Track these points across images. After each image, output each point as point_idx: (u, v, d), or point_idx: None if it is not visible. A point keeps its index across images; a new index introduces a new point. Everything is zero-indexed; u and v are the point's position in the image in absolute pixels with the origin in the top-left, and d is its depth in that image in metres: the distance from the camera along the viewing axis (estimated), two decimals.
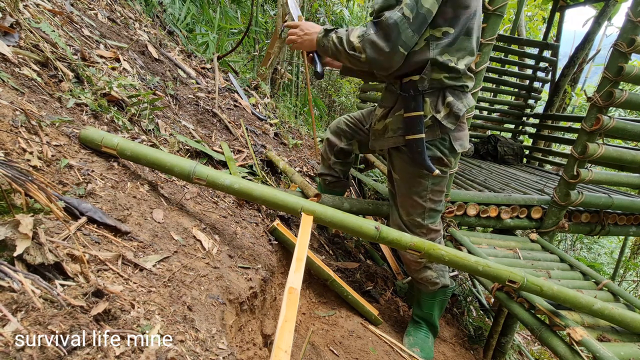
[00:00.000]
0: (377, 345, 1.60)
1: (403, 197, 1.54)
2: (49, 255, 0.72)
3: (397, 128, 1.42)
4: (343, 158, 1.93)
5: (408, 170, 1.47)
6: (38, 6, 1.59)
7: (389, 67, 1.24)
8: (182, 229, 1.15)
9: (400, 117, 1.40)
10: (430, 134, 1.38)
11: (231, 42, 4.40)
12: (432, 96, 1.34)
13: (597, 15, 3.58)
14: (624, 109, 5.40)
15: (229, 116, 2.50)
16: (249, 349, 1.13)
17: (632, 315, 1.40)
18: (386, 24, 1.16)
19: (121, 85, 1.61)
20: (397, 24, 1.15)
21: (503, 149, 3.59)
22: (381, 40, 1.18)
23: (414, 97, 1.33)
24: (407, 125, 1.37)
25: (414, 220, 1.54)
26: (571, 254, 5.86)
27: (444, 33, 1.25)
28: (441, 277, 1.66)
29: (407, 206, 1.54)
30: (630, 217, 2.32)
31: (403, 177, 1.51)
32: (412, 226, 1.56)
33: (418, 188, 1.48)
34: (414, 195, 1.50)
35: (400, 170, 1.51)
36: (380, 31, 1.18)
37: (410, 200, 1.51)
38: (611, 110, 5.52)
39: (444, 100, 1.34)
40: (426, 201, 1.50)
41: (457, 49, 1.28)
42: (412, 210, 1.53)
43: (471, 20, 1.26)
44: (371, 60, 1.23)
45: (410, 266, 1.66)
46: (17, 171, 0.81)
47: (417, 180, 1.47)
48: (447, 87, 1.33)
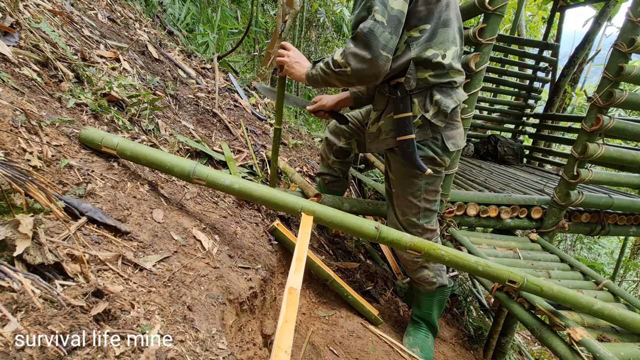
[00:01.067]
0: (377, 345, 1.60)
1: (398, 197, 1.56)
2: (49, 255, 0.72)
3: (389, 130, 1.44)
4: (342, 157, 1.93)
5: (402, 171, 1.49)
6: (38, 6, 1.59)
7: (377, 74, 1.24)
8: (182, 229, 1.15)
9: (391, 119, 1.42)
10: (422, 134, 1.39)
11: (231, 42, 4.40)
12: (419, 96, 1.36)
13: (597, 16, 3.58)
14: (624, 109, 5.40)
15: (229, 116, 2.50)
16: (249, 349, 1.13)
17: (633, 316, 1.40)
18: (362, 34, 1.18)
19: (121, 85, 1.61)
20: (372, 30, 1.17)
21: (503, 149, 3.59)
22: (361, 49, 1.20)
23: (402, 99, 1.35)
24: (397, 127, 1.39)
25: (410, 220, 1.56)
26: (571, 254, 5.86)
27: (421, 31, 1.27)
28: (438, 276, 1.67)
29: (403, 206, 1.56)
30: (631, 217, 2.32)
31: (397, 178, 1.53)
32: (408, 226, 1.58)
33: (412, 188, 1.50)
34: (408, 196, 1.52)
35: (394, 171, 1.53)
36: (358, 42, 1.20)
37: (405, 200, 1.53)
38: (611, 110, 5.52)
39: (432, 98, 1.36)
40: (420, 201, 1.51)
41: (439, 41, 1.29)
42: (408, 210, 1.55)
43: (445, 12, 1.28)
44: (357, 71, 1.23)
45: (407, 266, 1.67)
46: (17, 171, 0.81)
47: (411, 180, 1.48)
48: (433, 85, 1.35)
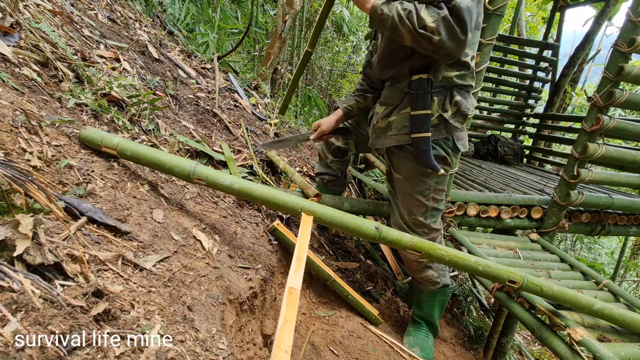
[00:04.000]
0: (377, 346, 1.60)
1: (405, 196, 1.53)
2: (48, 256, 0.72)
3: (402, 126, 1.41)
4: (340, 156, 1.93)
5: (411, 169, 1.46)
6: (38, 6, 1.59)
7: (455, 57, 1.15)
8: (182, 229, 1.15)
9: (406, 115, 1.38)
10: (436, 133, 1.38)
11: (231, 42, 4.40)
12: (440, 95, 1.34)
13: (597, 15, 3.58)
14: (624, 109, 5.40)
15: (229, 116, 2.50)
16: (249, 349, 1.12)
17: (633, 316, 1.40)
18: (460, 8, 1.05)
19: (121, 85, 1.61)
20: (470, 9, 1.07)
21: (503, 149, 3.59)
22: (456, 24, 1.07)
23: (423, 95, 1.32)
24: (413, 124, 1.36)
25: (416, 220, 1.54)
26: (571, 254, 5.86)
27: None
28: (442, 276, 1.67)
29: (410, 205, 1.53)
30: (631, 217, 2.32)
31: (406, 176, 1.50)
32: (414, 226, 1.55)
33: (421, 187, 1.47)
34: (417, 195, 1.49)
35: (403, 169, 1.50)
36: (454, 15, 1.07)
37: (413, 199, 1.51)
38: (611, 110, 5.52)
39: (452, 99, 1.34)
40: (429, 200, 1.49)
41: (472, 42, 1.27)
42: (415, 210, 1.52)
43: (479, 16, 1.27)
44: (443, 44, 1.10)
45: (411, 266, 1.66)
46: (17, 171, 0.81)
47: (421, 179, 1.46)
48: (454, 86, 1.33)
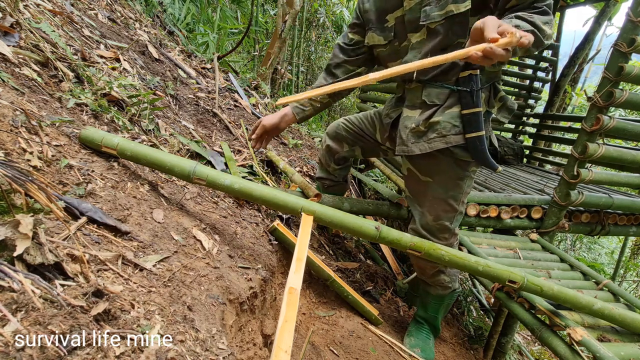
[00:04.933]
0: (378, 346, 1.60)
1: (436, 200, 1.43)
2: (49, 255, 0.72)
3: (451, 127, 1.30)
4: (343, 163, 1.91)
5: (449, 173, 1.38)
6: (38, 6, 1.59)
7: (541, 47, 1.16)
8: (182, 229, 1.15)
9: (456, 115, 1.30)
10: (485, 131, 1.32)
11: (231, 42, 4.40)
12: (486, 91, 1.29)
13: (597, 15, 3.58)
14: (624, 109, 5.40)
15: (229, 116, 2.50)
16: (249, 349, 1.13)
17: (633, 316, 1.40)
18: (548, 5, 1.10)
19: (121, 85, 1.61)
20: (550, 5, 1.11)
21: (503, 149, 3.59)
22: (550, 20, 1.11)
23: (475, 92, 1.26)
24: (466, 123, 1.28)
25: (442, 225, 1.46)
26: (571, 254, 5.86)
27: None
28: (453, 282, 1.63)
29: (439, 210, 1.44)
30: (631, 217, 2.32)
31: (439, 180, 1.41)
32: (437, 231, 1.47)
33: (456, 191, 1.40)
34: (450, 199, 1.41)
35: (436, 172, 1.40)
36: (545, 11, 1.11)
37: (445, 204, 1.43)
38: (611, 110, 5.52)
39: (496, 94, 1.30)
40: (460, 204, 1.43)
41: None
42: (444, 215, 1.44)
43: None
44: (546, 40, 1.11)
45: (425, 269, 1.60)
46: (17, 171, 0.81)
47: (457, 183, 1.39)
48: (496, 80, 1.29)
